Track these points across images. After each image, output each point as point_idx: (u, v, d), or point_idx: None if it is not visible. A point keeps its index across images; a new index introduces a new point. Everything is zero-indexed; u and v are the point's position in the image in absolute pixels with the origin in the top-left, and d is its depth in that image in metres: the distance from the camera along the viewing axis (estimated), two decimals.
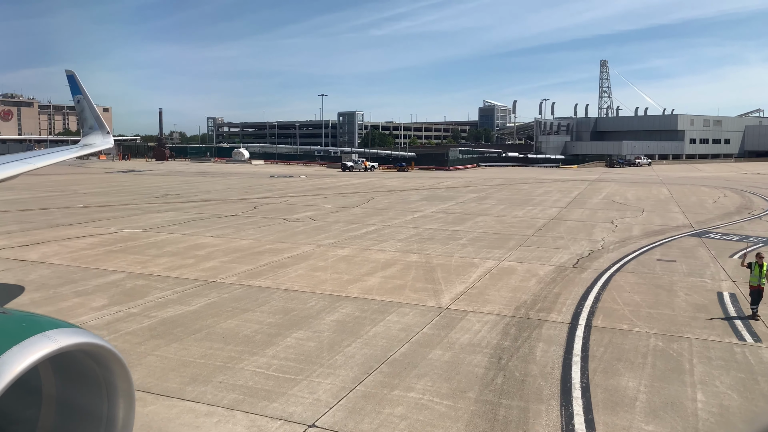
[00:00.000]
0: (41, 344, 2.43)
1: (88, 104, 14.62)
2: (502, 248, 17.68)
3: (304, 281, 13.04)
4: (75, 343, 2.56)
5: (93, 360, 2.73)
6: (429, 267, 14.73)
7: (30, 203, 30.41)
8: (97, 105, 53.94)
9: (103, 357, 2.73)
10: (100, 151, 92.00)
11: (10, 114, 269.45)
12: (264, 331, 9.53)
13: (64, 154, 11.58)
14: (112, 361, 2.75)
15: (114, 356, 2.74)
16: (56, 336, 2.50)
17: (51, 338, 2.48)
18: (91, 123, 14.48)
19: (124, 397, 2.83)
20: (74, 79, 14.97)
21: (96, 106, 14.99)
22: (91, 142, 13.96)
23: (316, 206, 29.79)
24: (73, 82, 14.99)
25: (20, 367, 2.31)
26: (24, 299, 11.37)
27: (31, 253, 16.25)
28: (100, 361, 2.74)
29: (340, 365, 8.05)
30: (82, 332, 2.64)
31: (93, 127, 14.39)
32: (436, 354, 8.52)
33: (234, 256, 16.05)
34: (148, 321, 10.00)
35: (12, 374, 2.28)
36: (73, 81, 15.02)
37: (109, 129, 14.75)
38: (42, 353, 2.40)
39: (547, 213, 27.61)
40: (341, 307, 10.92)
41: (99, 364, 2.75)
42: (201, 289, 12.26)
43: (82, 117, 14.79)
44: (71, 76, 15.05)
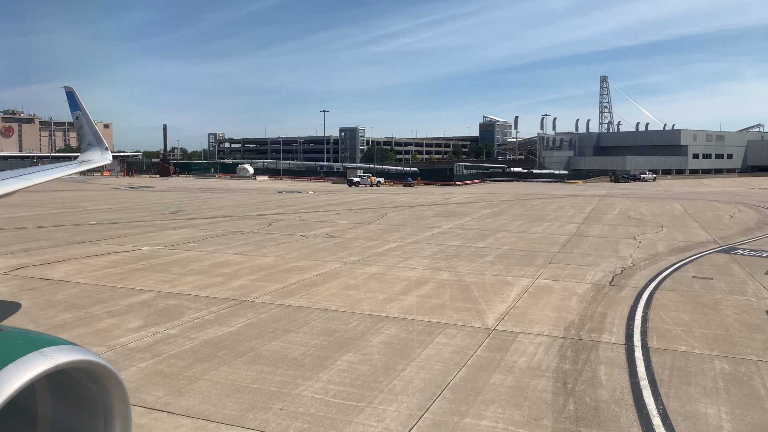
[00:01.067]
0: (37, 362, 2.37)
1: (86, 120, 14.57)
2: (532, 265, 17.37)
3: (339, 300, 12.71)
4: (72, 360, 2.50)
5: (90, 378, 2.67)
6: (463, 285, 14.40)
7: (42, 220, 30.13)
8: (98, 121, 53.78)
9: (100, 375, 2.66)
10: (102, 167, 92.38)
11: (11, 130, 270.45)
12: (311, 353, 9.19)
13: (62, 171, 11.45)
14: (110, 379, 2.69)
15: (111, 374, 2.68)
16: (53, 353, 2.45)
17: (47, 356, 2.43)
18: (89, 139, 14.43)
19: (120, 417, 2.76)
20: (73, 96, 14.92)
21: (97, 122, 14.80)
22: (90, 159, 13.86)
23: (331, 222, 29.51)
24: (72, 98, 14.94)
25: (16, 385, 2.26)
26: (56, 320, 11.02)
27: (54, 271, 15.93)
28: (97, 379, 2.68)
29: (400, 391, 7.70)
30: (79, 350, 2.59)
31: (91, 144, 14.33)
32: (497, 378, 8.18)
33: (261, 274, 15.72)
34: (190, 343, 9.65)
35: (8, 392, 2.23)
36: (72, 97, 14.96)
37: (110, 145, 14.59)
38: (38, 371, 2.35)
39: (567, 229, 27.32)
40: (385, 328, 10.58)
41: (96, 383, 2.69)
42: (236, 309, 11.92)
43: (81, 133, 14.73)
44: (70, 92, 15.00)
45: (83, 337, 9.92)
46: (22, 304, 12.26)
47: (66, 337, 9.64)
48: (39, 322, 10.87)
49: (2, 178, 8.95)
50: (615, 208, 40.80)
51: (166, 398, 7.40)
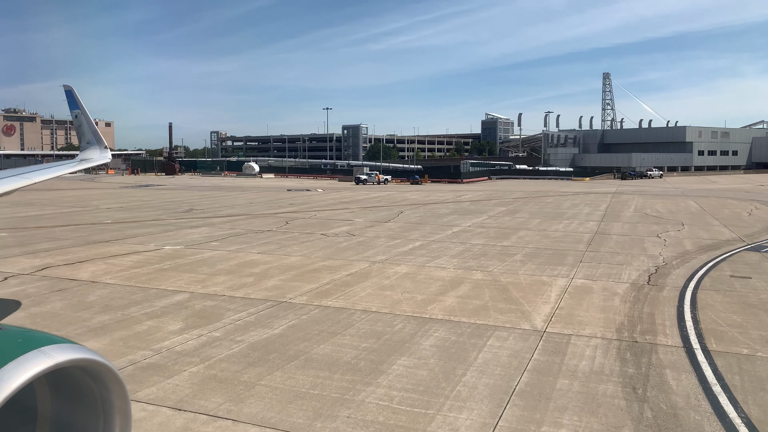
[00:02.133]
0: (37, 360, 2.38)
1: (86, 119, 14.45)
2: (563, 264, 17.09)
3: (378, 301, 12.44)
4: (72, 358, 2.51)
5: (90, 376, 2.69)
6: (500, 286, 14.13)
7: (56, 219, 29.89)
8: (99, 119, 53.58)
9: (100, 373, 2.68)
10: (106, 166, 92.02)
11: (13, 129, 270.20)
12: (364, 357, 8.92)
13: (61, 169, 11.33)
14: (109, 377, 2.70)
15: (111, 372, 2.69)
16: (53, 352, 2.46)
17: (47, 354, 2.44)
18: (88, 138, 14.31)
19: (120, 414, 2.77)
20: (72, 94, 14.78)
21: (98, 120, 14.74)
22: (89, 157, 13.76)
23: (348, 221, 29.24)
24: (71, 96, 14.80)
25: (16, 383, 2.27)
26: (94, 322, 10.76)
27: (80, 272, 15.67)
28: (97, 377, 2.69)
29: (466, 397, 7.44)
30: (79, 348, 2.60)
31: (90, 142, 14.22)
32: (563, 384, 7.91)
33: (291, 273, 15.46)
34: (237, 346, 9.39)
35: (7, 391, 2.23)
36: (71, 96, 14.82)
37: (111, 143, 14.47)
38: (38, 369, 2.36)
39: (587, 227, 27.04)
40: (432, 331, 10.32)
41: (95, 381, 2.70)
42: (275, 310, 11.66)
43: (80, 132, 14.63)
44: (69, 91, 14.85)
45: (126, 340, 9.66)
46: (55, 306, 12.00)
47: (108, 341, 9.39)
48: (76, 325, 10.62)
49: (2, 176, 8.86)
50: (630, 205, 40.49)
51: (226, 405, 7.14)
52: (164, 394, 7.48)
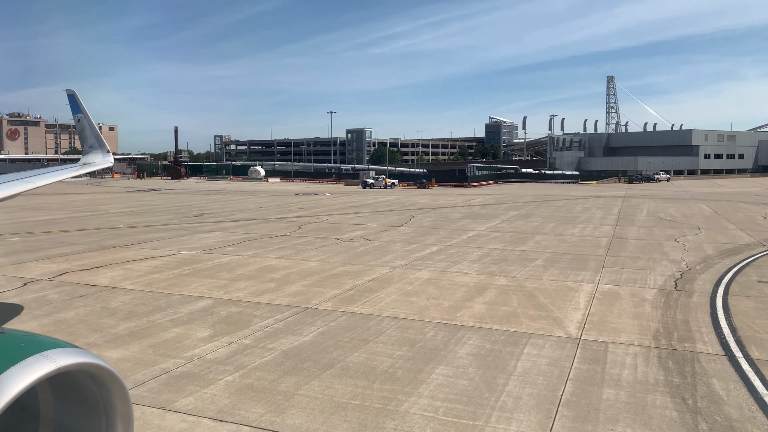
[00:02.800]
0: (40, 364, 2.39)
1: (88, 123, 14.41)
2: (586, 270, 16.88)
3: (404, 308, 12.25)
4: (74, 363, 2.53)
5: (92, 380, 2.70)
6: (526, 292, 13.92)
7: (68, 224, 29.80)
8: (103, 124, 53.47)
9: (102, 378, 2.69)
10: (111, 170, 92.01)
11: (17, 133, 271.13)
12: (401, 366, 8.73)
13: (64, 173, 11.26)
14: (112, 381, 2.71)
15: (113, 377, 2.70)
16: (55, 356, 2.47)
17: (50, 358, 2.44)
18: (91, 142, 14.28)
19: (122, 417, 2.79)
20: (75, 98, 14.74)
21: (102, 124, 14.81)
22: (92, 161, 13.73)
23: (361, 225, 29.06)
24: (74, 101, 14.77)
25: (18, 387, 2.27)
26: (120, 329, 10.60)
27: (99, 277, 15.52)
28: (99, 381, 2.71)
29: (512, 408, 7.24)
30: (81, 352, 2.61)
31: (93, 146, 14.19)
32: (609, 393, 7.70)
33: (312, 279, 15.28)
34: (270, 354, 9.21)
35: (10, 395, 2.24)
36: (73, 100, 14.79)
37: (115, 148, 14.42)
38: (40, 373, 2.37)
39: (603, 231, 26.81)
40: (466, 339, 10.12)
41: (98, 385, 2.72)
42: (302, 317, 11.48)
43: (83, 136, 14.60)
44: (72, 95, 14.82)
45: (155, 348, 9.49)
46: (79, 312, 11.84)
47: (137, 349, 9.22)
48: (103, 332, 10.45)
49: (5, 180, 8.80)
50: (641, 209, 40.23)
51: (268, 416, 6.95)
52: (203, 404, 7.30)
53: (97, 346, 9.64)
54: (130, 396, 2.80)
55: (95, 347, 9.54)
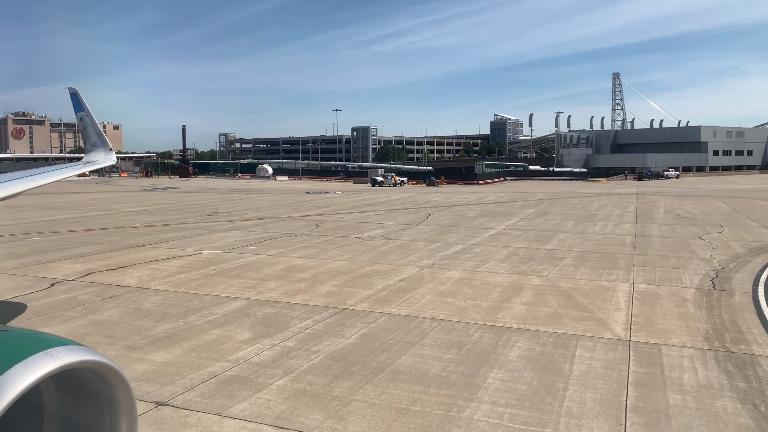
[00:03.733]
0: (44, 362, 2.42)
1: (90, 121, 14.33)
2: (617, 268, 16.61)
3: (442, 309, 12.01)
4: (78, 360, 2.55)
5: (95, 377, 2.73)
6: (563, 292, 13.67)
7: (84, 223, 29.68)
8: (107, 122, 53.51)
9: (105, 375, 2.72)
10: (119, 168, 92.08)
11: (22, 132, 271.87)
12: (453, 369, 8.50)
13: (67, 172, 11.22)
14: (115, 378, 2.74)
15: (117, 374, 2.73)
16: (58, 354, 2.49)
17: (53, 356, 2.47)
18: (93, 140, 14.21)
19: (126, 414, 2.81)
20: (77, 97, 14.66)
21: (107, 123, 14.69)
22: (94, 159, 13.67)
23: (378, 223, 28.83)
24: (76, 99, 14.68)
25: (22, 385, 2.30)
26: (158, 331, 10.40)
27: (126, 277, 15.34)
28: (103, 378, 2.73)
29: (578, 414, 7.00)
30: (84, 350, 2.63)
31: (96, 144, 14.12)
32: (675, 399, 7.45)
33: (342, 279, 15.06)
34: (316, 357, 8.99)
35: (14, 393, 2.27)
36: (76, 98, 14.70)
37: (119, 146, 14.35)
38: (44, 371, 2.39)
39: (624, 229, 26.51)
40: (513, 341, 9.88)
41: (101, 382, 2.75)
42: (340, 318, 11.26)
43: (85, 134, 14.53)
44: (74, 93, 14.72)
45: (198, 351, 9.28)
46: (112, 314, 11.65)
47: (179, 352, 8.99)
48: (141, 334, 10.25)
49: (8, 179, 8.78)
50: (658, 206, 39.88)
51: (329, 423, 6.73)
52: (259, 410, 7.09)
53: (138, 348, 9.44)
54: (133, 392, 2.83)
55: (137, 350, 9.35)
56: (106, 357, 2.73)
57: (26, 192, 9.04)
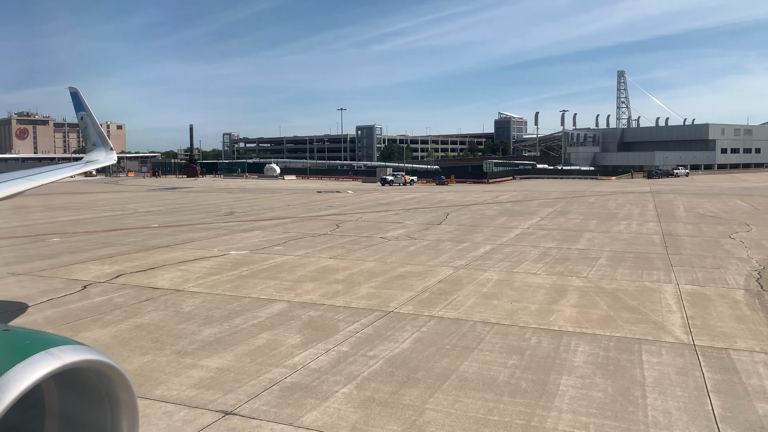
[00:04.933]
0: (45, 361, 2.43)
1: (91, 121, 14.27)
2: (656, 269, 16.27)
3: (491, 312, 11.70)
4: (79, 360, 2.57)
5: (96, 376, 2.75)
6: (608, 293, 13.34)
7: (102, 223, 29.47)
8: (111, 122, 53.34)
9: (107, 373, 2.74)
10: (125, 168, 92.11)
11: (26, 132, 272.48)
12: (520, 376, 8.19)
13: (68, 171, 11.12)
14: (116, 377, 2.76)
15: (118, 373, 2.75)
16: (60, 353, 2.51)
17: (55, 355, 2.49)
18: (94, 140, 14.14)
19: (127, 410, 2.83)
20: (78, 96, 14.56)
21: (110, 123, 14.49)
22: (95, 159, 13.60)
23: (399, 223, 28.53)
24: (77, 99, 14.58)
25: (24, 385, 2.32)
26: (204, 335, 10.11)
27: (157, 279, 15.07)
28: (104, 377, 2.76)
29: (666, 425, 6.67)
30: (86, 349, 2.66)
31: (96, 144, 14.07)
32: (764, 408, 7.13)
33: (378, 280, 14.75)
34: (375, 363, 8.69)
35: (16, 392, 2.28)
36: (76, 98, 14.60)
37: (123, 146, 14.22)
38: (46, 370, 2.41)
39: (649, 228, 26.14)
40: (574, 346, 9.56)
41: (102, 380, 2.77)
42: (387, 322, 10.96)
43: (86, 134, 14.48)
44: (75, 93, 14.62)
45: (252, 356, 8.98)
46: (153, 317, 11.37)
47: (232, 357, 8.67)
48: (188, 338, 9.97)
49: (8, 179, 8.72)
50: (676, 204, 39.49)
51: None
52: (331, 419, 6.79)
53: (189, 353, 9.16)
54: (134, 388, 2.84)
55: (188, 355, 9.06)
56: (107, 356, 2.74)
57: (27, 192, 8.93)
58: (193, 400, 7.36)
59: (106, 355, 2.74)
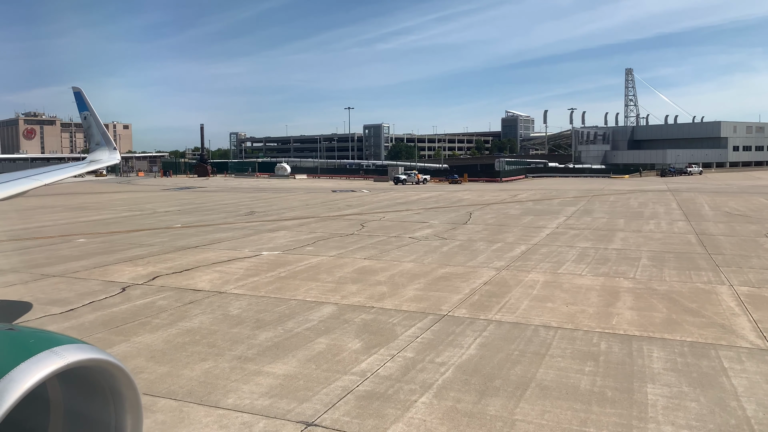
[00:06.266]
0: (49, 360, 2.44)
1: (94, 120, 14.24)
2: (702, 270, 15.85)
3: (548, 315, 11.34)
4: (83, 359, 2.57)
5: (100, 374, 2.76)
6: (662, 295, 12.95)
7: (123, 223, 29.26)
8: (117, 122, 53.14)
9: (110, 371, 2.74)
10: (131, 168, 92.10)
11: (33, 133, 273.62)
12: (602, 384, 7.83)
13: (71, 171, 11.15)
14: (120, 375, 2.77)
15: (121, 371, 2.75)
16: (64, 352, 2.51)
17: (59, 354, 2.49)
18: (97, 139, 14.14)
19: (131, 407, 2.85)
20: (81, 96, 14.51)
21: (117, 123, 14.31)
22: (98, 158, 13.62)
23: (424, 222, 28.19)
24: (80, 98, 14.53)
25: (29, 383, 2.33)
26: (261, 340, 9.79)
27: (196, 281, 14.79)
28: (109, 375, 2.76)
29: None
30: (90, 348, 2.65)
31: (99, 143, 14.07)
32: None
33: (421, 282, 14.41)
34: (446, 370, 8.34)
35: (21, 390, 2.30)
36: (80, 97, 14.55)
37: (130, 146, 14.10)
38: (50, 369, 2.42)
39: (680, 227, 25.69)
40: (647, 351, 9.18)
41: (106, 378, 2.78)
42: (445, 326, 10.62)
43: (89, 133, 14.48)
44: (78, 92, 14.58)
45: (317, 362, 8.65)
46: (203, 321, 11.06)
47: (296, 363, 8.38)
48: (244, 343, 9.66)
49: (12, 178, 8.72)
50: (699, 203, 38.98)
51: None
52: None
53: (250, 359, 8.84)
54: (138, 387, 2.85)
55: (250, 361, 8.75)
56: (111, 355, 2.75)
57: (39, 192, 8.94)
58: (270, 410, 7.04)
59: (111, 354, 2.76)
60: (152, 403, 7.27)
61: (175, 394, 7.56)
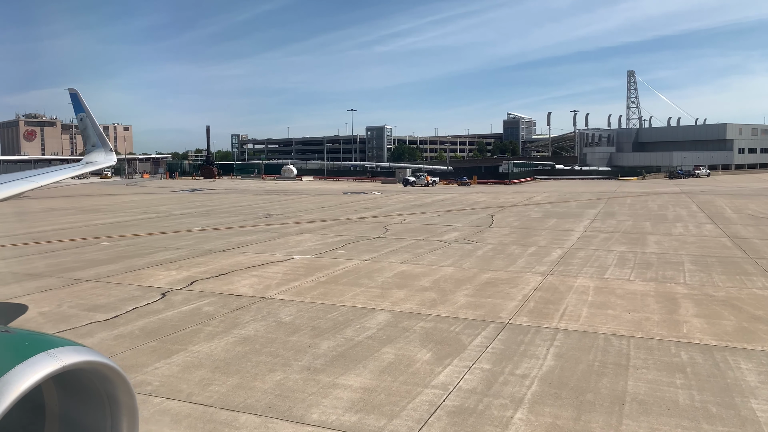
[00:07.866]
0: (45, 363, 2.41)
1: (91, 122, 14.11)
2: (752, 274, 15.46)
3: (614, 323, 10.94)
4: (78, 361, 2.53)
5: (96, 377, 2.70)
6: (723, 301, 12.55)
7: (141, 226, 28.88)
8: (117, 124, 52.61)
9: (107, 375, 2.69)
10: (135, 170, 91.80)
11: (34, 134, 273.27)
12: (700, 398, 7.43)
13: (67, 172, 10.99)
14: (116, 378, 2.71)
15: (117, 374, 2.70)
16: (59, 354, 2.48)
17: (54, 357, 2.46)
18: (93, 140, 13.98)
19: (127, 412, 2.79)
20: (77, 98, 14.36)
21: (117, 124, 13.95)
22: (94, 160, 13.49)
23: (447, 225, 27.82)
24: (76, 100, 14.38)
25: (24, 386, 2.30)
26: (323, 349, 9.39)
27: (236, 286, 14.40)
28: (104, 378, 2.71)
29: None
30: (85, 350, 2.61)
31: (96, 145, 13.92)
32: None
33: (468, 288, 14.02)
34: (531, 383, 7.94)
35: (16, 393, 2.27)
36: (76, 99, 14.40)
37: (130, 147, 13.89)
38: (46, 372, 2.39)
39: (710, 230, 25.32)
40: (733, 362, 8.77)
41: (102, 381, 2.71)
42: (511, 335, 10.22)
43: (85, 135, 14.35)
44: (74, 94, 14.42)
45: (391, 374, 8.24)
46: (258, 329, 10.66)
47: (369, 376, 7.98)
48: (308, 353, 9.26)
49: (9, 180, 8.62)
50: (719, 205, 38.62)
51: None
52: None
53: (320, 370, 8.45)
54: (134, 390, 2.80)
55: (320, 372, 8.36)
56: (107, 357, 2.71)
57: (27, 193, 8.76)
58: (361, 428, 6.65)
59: (106, 356, 2.71)
60: (233, 418, 6.89)
61: (254, 409, 7.17)
